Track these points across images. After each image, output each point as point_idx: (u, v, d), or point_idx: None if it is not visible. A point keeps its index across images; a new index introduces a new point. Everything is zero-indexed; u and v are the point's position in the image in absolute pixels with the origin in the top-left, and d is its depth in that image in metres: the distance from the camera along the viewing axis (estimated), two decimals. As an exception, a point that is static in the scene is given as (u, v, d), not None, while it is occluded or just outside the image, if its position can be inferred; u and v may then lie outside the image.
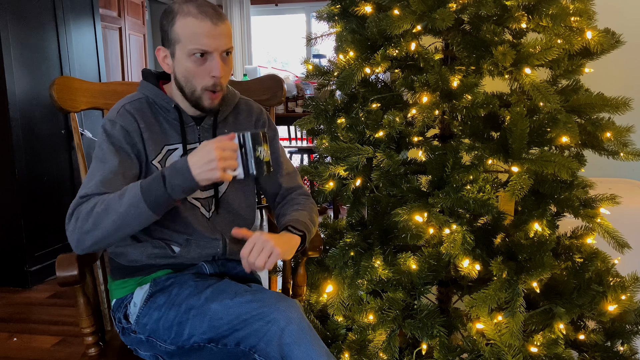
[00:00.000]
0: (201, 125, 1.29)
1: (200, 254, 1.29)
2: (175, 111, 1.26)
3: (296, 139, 5.04)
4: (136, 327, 1.24)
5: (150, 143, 1.23)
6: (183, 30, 1.17)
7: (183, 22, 1.16)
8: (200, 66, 1.18)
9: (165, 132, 1.26)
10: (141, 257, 1.26)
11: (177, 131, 1.27)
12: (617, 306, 1.35)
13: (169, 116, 1.27)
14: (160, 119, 1.26)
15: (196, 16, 1.16)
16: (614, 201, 1.44)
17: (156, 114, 1.27)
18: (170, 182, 1.09)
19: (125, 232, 1.13)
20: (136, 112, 1.24)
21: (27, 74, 2.97)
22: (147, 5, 5.71)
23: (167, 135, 1.26)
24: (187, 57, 1.18)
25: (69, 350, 2.31)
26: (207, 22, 1.15)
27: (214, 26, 1.16)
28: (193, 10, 1.16)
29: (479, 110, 1.31)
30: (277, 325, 1.07)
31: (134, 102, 1.25)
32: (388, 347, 1.32)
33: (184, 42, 1.17)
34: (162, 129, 1.26)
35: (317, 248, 1.35)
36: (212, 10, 1.17)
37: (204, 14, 1.16)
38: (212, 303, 1.14)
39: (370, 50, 1.43)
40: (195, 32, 1.16)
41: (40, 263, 3.06)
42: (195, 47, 1.16)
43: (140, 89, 1.30)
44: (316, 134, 1.63)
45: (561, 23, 1.33)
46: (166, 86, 1.31)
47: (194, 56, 1.17)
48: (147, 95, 1.27)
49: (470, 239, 1.26)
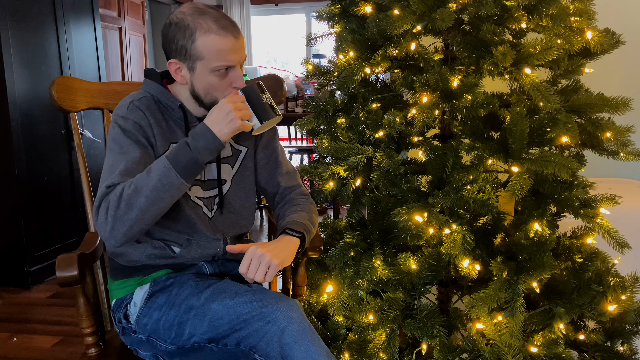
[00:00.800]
0: None
1: (201, 254, 1.29)
2: (180, 110, 1.27)
3: (296, 139, 5.04)
4: (136, 327, 1.24)
5: (160, 138, 1.24)
6: (207, 48, 1.17)
7: (206, 39, 1.17)
8: (223, 79, 1.21)
9: (171, 130, 1.27)
10: (141, 258, 1.26)
11: (182, 130, 1.27)
12: (617, 306, 1.35)
13: (174, 115, 1.27)
14: (166, 117, 1.27)
15: (218, 33, 1.16)
16: (614, 201, 1.44)
17: (162, 111, 1.27)
18: (195, 146, 1.12)
19: (159, 207, 1.11)
20: (145, 108, 1.24)
21: (27, 74, 2.97)
22: (147, 5, 5.71)
23: (173, 133, 1.26)
24: (211, 72, 1.19)
25: (69, 350, 2.31)
26: (229, 38, 1.17)
27: (235, 40, 1.18)
28: (213, 27, 1.16)
29: (479, 110, 1.31)
30: (278, 325, 1.07)
31: (142, 100, 1.26)
32: (388, 347, 1.32)
33: (208, 58, 1.18)
34: (168, 126, 1.27)
35: (317, 248, 1.35)
36: (229, 24, 1.19)
37: (225, 29, 1.17)
38: (212, 303, 1.14)
39: (370, 50, 1.43)
40: (220, 49, 1.17)
41: (40, 263, 3.06)
42: (221, 64, 1.18)
43: (144, 87, 1.29)
44: (316, 134, 1.63)
45: (561, 23, 1.33)
46: (170, 86, 1.31)
47: (219, 71, 1.19)
48: (152, 94, 1.27)
49: (470, 239, 1.26)
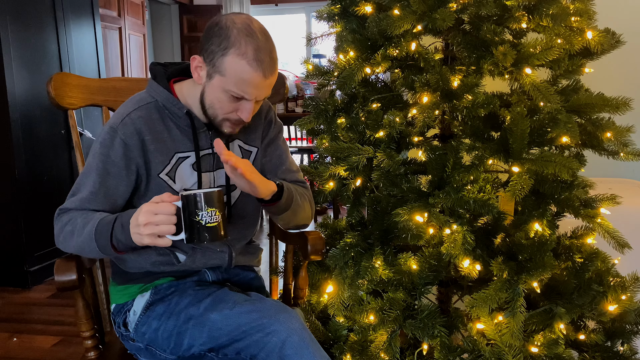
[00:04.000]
0: (213, 130, 1.23)
1: (205, 264, 1.28)
2: (187, 117, 1.20)
3: (296, 139, 5.04)
4: (134, 336, 1.23)
5: (157, 155, 1.18)
6: (232, 69, 1.09)
7: (236, 61, 1.08)
8: (232, 103, 1.14)
9: (175, 140, 1.20)
10: (145, 264, 1.24)
11: (189, 138, 1.21)
12: (617, 306, 1.35)
13: (180, 122, 1.20)
14: (170, 125, 1.20)
15: (251, 64, 1.08)
16: (614, 201, 1.44)
17: (165, 119, 1.20)
18: (116, 235, 1.07)
19: (87, 256, 1.17)
20: (143, 122, 1.17)
21: (27, 73, 2.96)
22: (147, 5, 5.70)
23: (177, 142, 1.20)
24: (224, 91, 1.12)
25: (69, 350, 2.31)
26: (259, 74, 1.09)
27: (263, 79, 1.10)
28: (250, 54, 1.08)
29: (479, 110, 1.31)
30: (278, 337, 1.06)
31: (142, 109, 1.19)
32: (389, 348, 1.32)
33: (227, 78, 1.10)
34: (171, 136, 1.20)
35: (319, 252, 1.35)
36: (268, 60, 1.10)
37: (260, 63, 1.08)
38: (211, 313, 1.13)
39: (370, 50, 1.43)
40: (243, 79, 1.09)
41: (40, 263, 3.06)
42: (236, 92, 1.11)
43: (149, 90, 1.22)
44: (316, 134, 1.62)
45: (561, 23, 1.33)
46: (177, 86, 1.24)
47: (232, 96, 1.12)
48: (156, 100, 1.21)
49: (470, 239, 1.26)
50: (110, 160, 1.16)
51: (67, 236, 1.13)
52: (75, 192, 1.17)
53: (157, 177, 1.19)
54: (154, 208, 1.01)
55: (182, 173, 1.21)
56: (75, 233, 1.11)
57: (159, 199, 1.03)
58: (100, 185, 1.15)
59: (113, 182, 1.16)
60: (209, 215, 1.00)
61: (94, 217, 1.11)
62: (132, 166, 1.17)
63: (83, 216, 1.12)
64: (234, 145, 1.29)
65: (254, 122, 1.32)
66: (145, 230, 1.00)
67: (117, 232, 1.07)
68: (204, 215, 1.00)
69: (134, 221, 1.03)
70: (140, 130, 1.17)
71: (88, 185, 1.16)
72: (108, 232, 1.07)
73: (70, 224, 1.13)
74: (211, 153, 1.25)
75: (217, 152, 1.09)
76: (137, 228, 1.01)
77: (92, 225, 1.09)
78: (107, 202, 1.17)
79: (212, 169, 1.25)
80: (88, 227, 1.09)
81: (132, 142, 1.16)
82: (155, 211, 1.00)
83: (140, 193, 1.21)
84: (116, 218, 1.09)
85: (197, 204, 1.00)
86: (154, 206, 1.01)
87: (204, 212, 1.00)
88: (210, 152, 1.24)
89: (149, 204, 1.02)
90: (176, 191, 1.20)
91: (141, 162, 1.18)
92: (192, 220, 1.00)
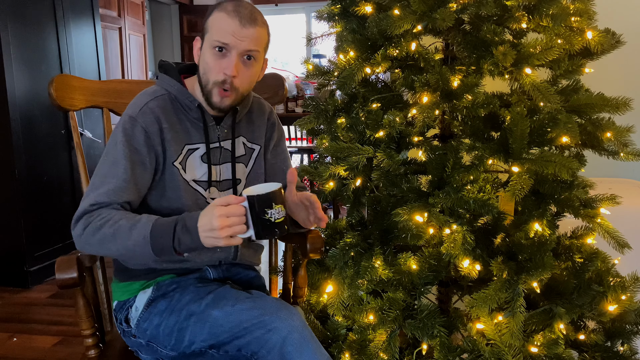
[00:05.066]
0: (220, 125, 1.28)
1: (211, 258, 1.28)
2: (198, 110, 1.25)
3: (296, 139, 5.04)
4: (136, 332, 1.23)
5: (172, 144, 1.22)
6: (213, 22, 1.18)
7: (216, 15, 1.18)
8: (218, 61, 1.18)
9: (187, 131, 1.25)
10: (148, 261, 1.24)
11: (198, 130, 1.25)
12: (617, 306, 1.35)
13: (191, 115, 1.25)
14: (182, 117, 1.25)
15: (229, 13, 1.17)
16: (614, 201, 1.44)
17: (178, 111, 1.25)
18: (179, 237, 1.07)
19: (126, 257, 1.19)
20: (160, 110, 1.22)
21: (27, 73, 2.97)
22: (147, 5, 5.70)
23: (189, 134, 1.25)
24: (210, 49, 1.18)
25: (69, 350, 2.31)
26: (235, 20, 1.16)
27: (240, 26, 1.16)
28: (229, 7, 1.18)
29: (479, 110, 1.31)
30: (279, 334, 1.07)
31: (158, 99, 1.23)
32: (388, 347, 1.32)
33: (210, 33, 1.19)
34: (183, 127, 1.25)
35: (318, 250, 1.35)
36: (247, 12, 1.18)
37: (236, 12, 1.17)
38: (212, 310, 1.14)
39: (370, 50, 1.43)
40: (221, 26, 1.17)
41: (40, 263, 3.06)
42: (216, 40, 1.17)
43: (161, 83, 1.27)
44: (316, 134, 1.63)
45: (561, 23, 1.32)
46: (188, 81, 1.28)
47: (215, 49, 1.18)
48: (169, 92, 1.25)
49: (470, 239, 1.26)
50: (134, 148, 1.18)
51: (106, 239, 1.09)
52: (99, 185, 1.15)
53: (172, 165, 1.22)
54: (227, 211, 1.03)
55: (192, 164, 1.25)
56: (119, 236, 1.08)
57: (224, 201, 1.04)
58: (132, 173, 1.16)
59: (140, 170, 1.18)
60: (277, 212, 1.06)
61: (140, 220, 1.09)
62: (152, 154, 1.20)
63: (124, 217, 1.10)
64: (238, 142, 1.33)
65: (258, 121, 1.37)
66: (223, 233, 1.02)
67: (181, 235, 1.07)
68: (273, 213, 1.05)
69: (207, 225, 1.04)
70: (159, 118, 1.21)
71: (119, 174, 1.15)
72: (169, 235, 1.07)
73: (109, 226, 1.09)
74: (219, 147, 1.29)
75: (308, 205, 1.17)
76: (213, 232, 1.03)
77: (143, 228, 1.07)
78: (137, 191, 1.17)
79: (219, 162, 1.29)
80: (138, 229, 1.07)
81: (152, 129, 1.19)
82: (228, 214, 1.03)
83: (155, 182, 1.22)
84: (176, 221, 1.08)
85: (266, 202, 1.05)
86: (226, 210, 1.03)
87: (272, 210, 1.05)
88: (218, 145, 1.28)
89: (220, 208, 1.03)
90: (186, 180, 1.24)
91: (160, 150, 1.21)
92: (262, 218, 1.05)
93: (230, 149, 1.31)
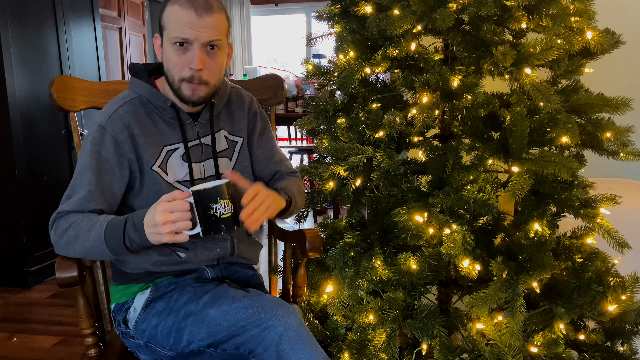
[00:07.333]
0: (198, 121, 1.26)
1: (208, 256, 1.28)
2: (172, 109, 1.23)
3: (296, 139, 5.04)
4: (134, 333, 1.23)
5: (147, 148, 1.20)
6: (168, 17, 1.15)
7: (170, 9, 1.15)
8: (181, 56, 1.15)
9: (162, 133, 1.23)
10: (145, 265, 1.24)
11: (175, 130, 1.23)
12: (617, 306, 1.35)
13: (166, 115, 1.23)
14: (156, 119, 1.23)
15: (182, 5, 1.13)
16: (614, 201, 1.44)
17: (151, 114, 1.23)
18: (129, 235, 1.08)
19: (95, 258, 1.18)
20: (130, 116, 1.19)
21: (27, 74, 2.97)
22: (147, 5, 5.70)
23: (164, 135, 1.23)
24: (170, 45, 1.15)
25: (69, 350, 2.31)
26: (190, 11, 1.12)
27: (197, 17, 1.12)
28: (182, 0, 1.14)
29: (479, 110, 1.31)
30: (275, 332, 1.07)
31: (128, 104, 1.21)
32: (388, 347, 1.32)
33: (168, 29, 1.15)
34: (158, 129, 1.22)
35: (317, 249, 1.35)
36: (201, 1, 1.13)
37: (190, 3, 1.13)
38: (210, 309, 1.14)
39: (370, 50, 1.43)
40: (177, 20, 1.13)
41: (40, 263, 3.06)
42: (175, 36, 1.14)
43: (131, 87, 1.25)
44: (316, 134, 1.63)
45: (561, 23, 1.32)
46: (158, 81, 1.26)
47: (176, 45, 1.14)
48: (140, 95, 1.23)
49: (470, 239, 1.26)
50: (102, 157, 1.17)
51: (70, 241, 1.12)
52: (71, 194, 1.17)
53: (151, 170, 1.20)
54: (169, 207, 1.02)
55: (172, 165, 1.23)
56: (80, 237, 1.10)
57: (170, 197, 1.04)
58: (97, 183, 1.16)
59: (107, 180, 1.17)
60: (222, 207, 1.04)
61: (98, 220, 1.11)
62: (124, 162, 1.18)
63: (86, 219, 1.12)
64: (219, 136, 1.31)
65: (238, 113, 1.35)
66: (165, 229, 1.01)
67: (130, 233, 1.07)
68: (218, 208, 1.03)
69: (150, 221, 1.04)
70: (129, 124, 1.19)
71: (84, 185, 1.16)
72: (120, 233, 1.08)
73: (72, 229, 1.12)
74: (199, 144, 1.27)
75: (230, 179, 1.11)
76: (155, 228, 1.03)
77: (99, 228, 1.09)
78: (105, 201, 1.17)
79: (201, 159, 1.27)
80: (95, 230, 1.09)
81: (121, 138, 1.18)
82: (171, 209, 1.02)
83: (136, 189, 1.22)
84: (126, 220, 1.09)
85: (211, 197, 1.03)
86: (169, 205, 1.02)
87: (217, 205, 1.03)
88: (198, 142, 1.26)
89: (163, 203, 1.03)
90: (169, 183, 1.22)
91: (133, 157, 1.19)
92: (207, 213, 1.03)
93: (211, 144, 1.28)
